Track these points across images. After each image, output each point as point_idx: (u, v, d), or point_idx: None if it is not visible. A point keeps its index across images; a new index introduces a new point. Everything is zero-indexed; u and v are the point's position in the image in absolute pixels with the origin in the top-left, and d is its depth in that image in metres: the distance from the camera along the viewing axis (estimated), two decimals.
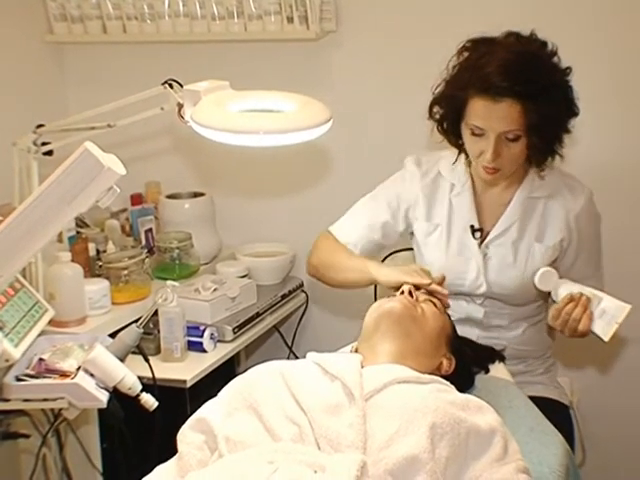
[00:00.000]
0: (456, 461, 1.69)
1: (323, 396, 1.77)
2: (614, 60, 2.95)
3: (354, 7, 3.16)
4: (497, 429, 1.78)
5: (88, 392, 2.05)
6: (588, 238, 2.49)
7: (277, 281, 3.35)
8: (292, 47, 3.19)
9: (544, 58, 2.28)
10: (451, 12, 2.53)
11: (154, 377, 2.42)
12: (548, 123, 2.24)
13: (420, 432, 1.66)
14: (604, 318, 2.20)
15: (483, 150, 2.28)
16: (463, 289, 2.47)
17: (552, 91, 2.23)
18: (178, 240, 3.20)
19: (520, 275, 2.43)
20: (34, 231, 1.64)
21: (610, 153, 3.00)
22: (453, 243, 2.49)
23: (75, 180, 1.62)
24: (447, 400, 1.78)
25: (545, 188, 2.45)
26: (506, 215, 2.45)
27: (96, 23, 3.29)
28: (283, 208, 3.49)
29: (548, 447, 2.05)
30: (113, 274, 2.92)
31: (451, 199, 2.51)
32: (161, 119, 2.23)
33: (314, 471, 1.55)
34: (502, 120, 2.23)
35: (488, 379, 2.32)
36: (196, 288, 2.97)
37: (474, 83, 2.23)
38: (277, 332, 3.42)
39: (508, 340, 2.53)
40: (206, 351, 2.82)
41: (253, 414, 1.78)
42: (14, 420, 2.29)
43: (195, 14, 3.18)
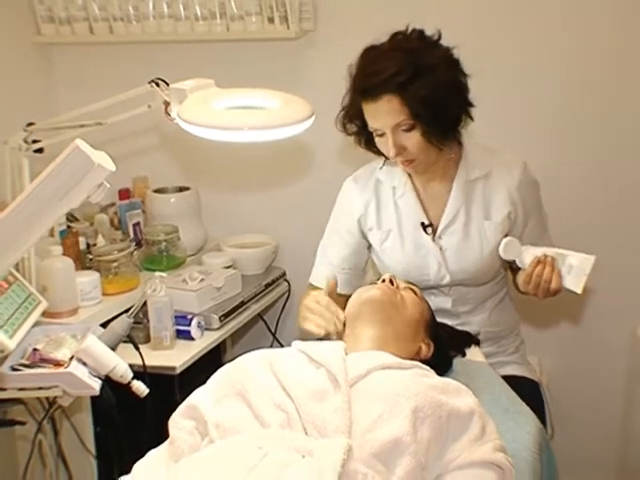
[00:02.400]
0: (437, 442, 1.70)
1: (309, 383, 1.77)
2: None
3: (332, 7, 3.17)
4: (475, 411, 1.79)
5: (81, 380, 2.04)
6: (532, 204, 2.50)
7: (260, 271, 3.35)
8: (273, 46, 3.19)
9: (417, 47, 2.26)
10: (425, 12, 2.52)
11: (144, 365, 2.40)
12: (434, 105, 2.22)
13: (403, 416, 1.66)
14: (573, 273, 2.23)
15: (388, 148, 2.29)
16: (429, 283, 2.47)
17: (428, 75, 2.21)
18: (165, 233, 3.19)
19: (478, 256, 2.44)
20: (27, 226, 1.63)
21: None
22: (408, 244, 2.49)
23: (66, 176, 1.60)
24: (428, 384, 1.79)
25: (480, 169, 2.45)
26: (450, 203, 2.45)
27: (83, 24, 3.27)
28: (265, 201, 3.48)
29: (523, 426, 2.07)
30: (103, 266, 2.91)
31: (396, 201, 2.51)
32: (147, 116, 2.20)
33: (302, 456, 1.55)
34: (387, 115, 2.24)
35: (465, 362, 2.34)
36: (183, 279, 2.97)
37: (357, 89, 2.28)
38: (261, 320, 3.42)
39: (477, 324, 2.54)
40: (194, 339, 2.82)
41: (242, 401, 1.77)
42: (10, 408, 2.28)
43: (179, 15, 3.17)
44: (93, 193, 1.64)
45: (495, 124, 2.72)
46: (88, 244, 3.04)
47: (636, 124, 3.03)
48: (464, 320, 2.53)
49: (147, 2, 3.18)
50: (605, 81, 3.01)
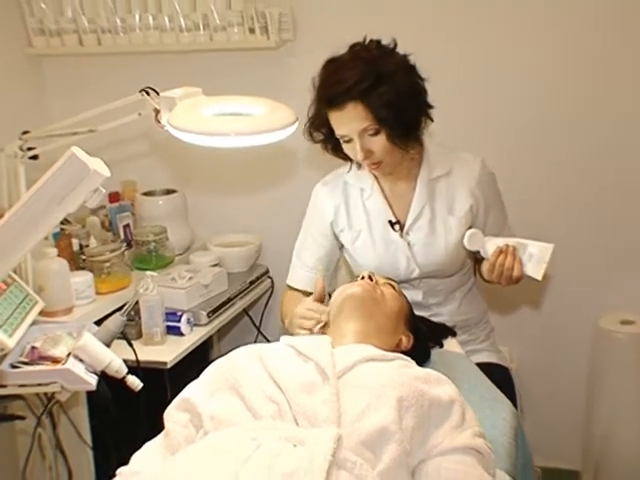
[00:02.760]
0: (420, 430, 1.69)
1: (298, 376, 1.75)
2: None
3: (309, 18, 3.16)
4: (455, 399, 1.78)
5: (79, 376, 2.03)
6: (492, 197, 2.52)
7: (245, 269, 3.34)
8: (254, 55, 3.18)
9: (375, 56, 2.27)
10: (397, 22, 2.52)
11: (138, 360, 2.41)
12: (396, 109, 2.23)
13: (388, 405, 1.66)
14: (533, 261, 2.26)
15: (356, 153, 2.30)
16: (400, 277, 2.47)
17: (388, 81, 2.22)
18: (154, 234, 3.18)
19: (444, 249, 2.46)
20: (27, 231, 1.61)
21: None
22: (378, 241, 2.50)
23: (64, 182, 1.58)
24: (411, 375, 1.79)
25: (441, 167, 2.47)
26: (415, 201, 2.46)
27: (72, 36, 3.25)
28: (249, 202, 3.47)
29: (499, 412, 2.09)
30: (96, 267, 2.89)
31: (364, 203, 2.52)
32: (135, 124, 2.20)
33: (294, 445, 1.53)
34: (353, 122, 2.25)
35: (442, 353, 2.34)
36: (172, 277, 2.96)
37: (324, 100, 2.28)
38: (246, 315, 3.40)
39: (448, 314, 2.56)
40: (183, 334, 2.81)
41: (235, 394, 1.75)
42: (10, 403, 2.26)
43: (164, 26, 3.15)
44: (89, 198, 1.62)
45: (454, 124, 2.71)
46: (81, 245, 3.01)
47: (594, 119, 3.04)
48: (435, 311, 2.55)
49: (134, 14, 3.16)
50: (558, 80, 3.03)
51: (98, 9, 3.18)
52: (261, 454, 1.50)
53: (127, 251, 3.10)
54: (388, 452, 1.61)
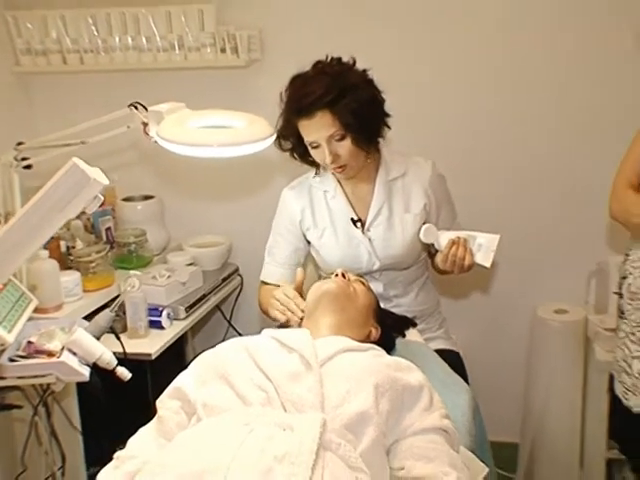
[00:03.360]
0: (394, 413, 1.70)
1: (284, 366, 1.74)
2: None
3: (275, 40, 3.14)
4: (424, 384, 1.80)
5: (73, 368, 2.00)
6: (442, 196, 2.55)
7: (217, 267, 3.29)
8: (225, 73, 3.15)
9: (338, 70, 2.32)
10: (355, 43, 2.51)
11: (125, 352, 2.38)
12: (360, 116, 2.28)
13: (366, 392, 1.67)
14: (482, 250, 2.27)
15: (324, 158, 2.32)
16: (362, 270, 2.47)
17: (352, 92, 2.26)
18: (134, 236, 3.14)
19: (401, 242, 2.47)
20: (31, 236, 1.57)
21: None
22: (341, 237, 2.50)
23: (65, 190, 1.54)
24: (384, 363, 1.80)
25: (397, 170, 2.51)
26: (375, 201, 2.49)
27: (57, 56, 3.18)
28: (220, 206, 3.43)
29: (458, 395, 2.10)
30: (83, 267, 2.84)
31: (328, 203, 2.53)
32: (119, 136, 2.15)
33: (283, 429, 1.52)
34: (322, 129, 2.27)
35: (405, 342, 2.34)
36: (153, 276, 2.92)
37: (293, 111, 2.31)
38: (218, 310, 3.35)
39: (406, 305, 2.57)
40: (164, 328, 2.78)
41: (225, 384, 1.74)
42: (7, 394, 2.22)
43: (143, 47, 3.10)
44: (89, 205, 1.57)
45: (408, 131, 2.70)
46: (67, 247, 2.95)
47: (532, 125, 3.06)
48: (395, 302, 2.55)
49: (114, 36, 3.11)
50: (505, 91, 3.05)
51: (81, 31, 3.12)
52: (254, 438, 1.48)
53: (109, 252, 3.04)
54: (368, 434, 1.61)
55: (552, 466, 3.16)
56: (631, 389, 2.17)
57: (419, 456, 1.65)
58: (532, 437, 3.16)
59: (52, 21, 3.13)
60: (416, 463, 1.64)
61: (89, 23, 3.11)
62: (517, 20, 2.95)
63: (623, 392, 2.21)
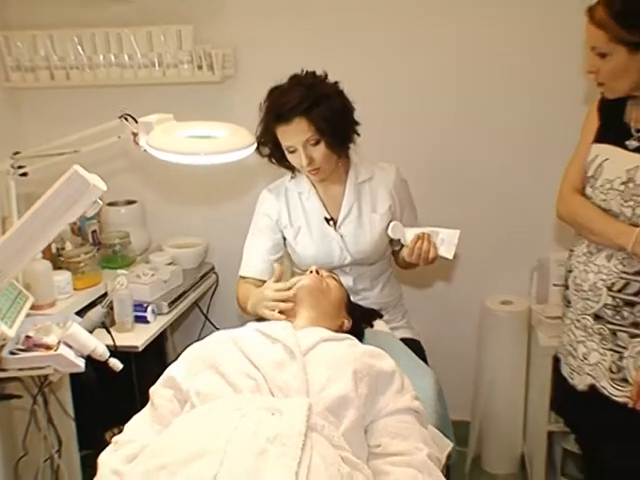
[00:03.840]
0: (371, 396, 1.71)
1: (270, 355, 1.74)
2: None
3: (248, 58, 3.13)
4: (395, 370, 1.82)
5: (70, 360, 1.99)
6: (405, 198, 2.56)
7: (195, 265, 3.26)
8: (201, 88, 3.12)
9: (311, 82, 2.33)
10: (321, 60, 2.50)
11: (115, 345, 2.38)
12: (332, 122, 2.30)
13: (346, 377, 1.68)
14: (445, 244, 2.29)
15: (301, 161, 2.33)
16: (334, 265, 2.48)
17: (324, 101, 2.29)
18: (119, 238, 3.11)
19: (370, 239, 2.48)
20: (35, 238, 1.54)
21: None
22: (315, 235, 2.50)
23: (67, 196, 1.53)
24: (360, 351, 1.81)
25: (365, 174, 2.52)
26: (345, 201, 2.49)
27: (45, 72, 3.13)
28: (196, 209, 3.40)
29: (423, 378, 2.12)
30: (72, 267, 2.80)
31: (303, 204, 2.53)
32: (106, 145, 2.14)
33: (272, 414, 1.52)
34: (299, 134, 2.29)
35: (374, 332, 2.35)
36: (137, 274, 2.88)
37: (272, 118, 2.32)
38: (196, 306, 3.31)
39: (373, 297, 2.56)
40: (149, 322, 2.75)
41: (216, 373, 1.73)
42: (7, 385, 2.21)
43: (125, 64, 3.07)
44: (89, 209, 1.54)
45: (374, 139, 2.68)
46: (57, 248, 2.91)
47: (484, 135, 3.09)
48: (363, 295, 2.55)
49: (98, 54, 3.07)
50: (461, 102, 3.07)
51: (67, 49, 3.08)
52: (247, 422, 1.48)
53: (96, 253, 3.00)
54: (348, 416, 1.63)
55: (499, 440, 3.20)
56: (576, 370, 2.19)
57: (394, 434, 1.67)
58: (481, 415, 3.19)
59: (41, 40, 3.09)
60: (392, 441, 1.66)
61: (75, 42, 3.06)
62: (475, 39, 2.97)
63: (569, 373, 2.23)
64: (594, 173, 2.10)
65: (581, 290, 2.14)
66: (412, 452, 1.62)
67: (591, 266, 2.10)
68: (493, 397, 3.14)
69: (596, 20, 1.90)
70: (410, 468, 1.58)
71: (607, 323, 2.08)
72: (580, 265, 2.15)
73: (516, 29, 2.92)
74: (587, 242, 2.14)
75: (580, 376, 2.17)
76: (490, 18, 2.94)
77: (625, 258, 2.03)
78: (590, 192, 2.11)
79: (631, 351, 2.05)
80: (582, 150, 2.17)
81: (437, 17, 2.97)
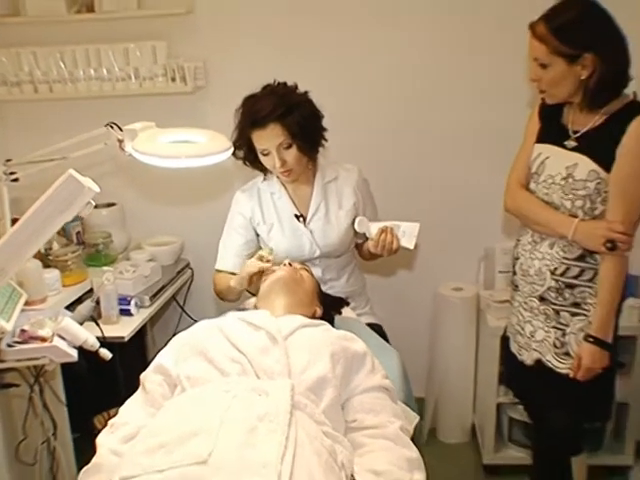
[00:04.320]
0: (346, 376, 1.72)
1: (254, 341, 1.74)
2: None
3: (218, 70, 3.10)
4: (367, 352, 1.82)
5: (64, 351, 1.98)
6: (367, 196, 2.57)
7: (172, 262, 3.22)
8: (175, 99, 3.08)
9: (284, 91, 2.33)
10: (287, 73, 2.49)
11: (104, 336, 2.34)
12: (303, 128, 2.30)
13: (324, 360, 1.68)
14: (406, 236, 2.28)
15: (274, 163, 2.33)
16: (304, 257, 2.47)
17: (296, 109, 2.29)
18: (102, 237, 3.07)
19: (337, 233, 2.48)
20: (34, 237, 1.52)
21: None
22: (287, 230, 2.49)
23: (63, 198, 1.50)
24: (335, 336, 1.82)
25: (330, 174, 2.52)
26: (313, 200, 2.49)
27: (29, 86, 3.06)
28: (172, 209, 3.36)
29: (390, 359, 2.12)
30: (60, 265, 2.75)
31: (275, 202, 2.52)
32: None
33: (259, 395, 1.52)
34: (273, 138, 2.28)
35: (342, 318, 2.34)
36: (120, 271, 2.83)
37: (248, 124, 2.31)
38: (174, 299, 3.26)
39: (340, 287, 2.56)
40: (133, 315, 2.70)
41: (204, 359, 1.72)
42: (5, 375, 2.18)
43: (104, 77, 3.02)
44: (83, 209, 1.51)
45: (339, 143, 2.67)
46: (46, 249, 2.83)
47: (437, 138, 3.10)
48: (330, 285, 2.54)
49: (79, 69, 3.01)
50: (415, 110, 3.07)
51: (50, 64, 3.01)
52: (237, 403, 1.49)
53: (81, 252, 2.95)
54: (327, 394, 1.63)
55: (452, 412, 3.23)
56: (524, 347, 2.22)
57: (368, 410, 1.68)
58: (436, 390, 3.21)
59: (25, 57, 3.02)
60: (366, 416, 1.67)
61: (57, 58, 3.00)
62: (428, 48, 2.99)
63: (518, 350, 2.26)
64: (537, 170, 2.13)
65: (527, 275, 2.17)
66: (385, 425, 1.63)
67: (536, 253, 2.14)
68: (446, 374, 3.16)
69: (538, 35, 1.94)
70: (384, 439, 1.60)
71: (551, 304, 2.12)
72: (526, 253, 2.18)
73: (468, 39, 2.94)
74: (532, 232, 2.17)
75: (528, 352, 2.20)
76: (442, 29, 2.95)
77: (566, 245, 2.07)
78: (534, 187, 2.14)
79: (572, 328, 2.09)
80: (526, 149, 2.20)
81: (391, 28, 2.97)
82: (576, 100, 2.03)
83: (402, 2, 2.95)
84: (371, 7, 2.97)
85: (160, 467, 1.34)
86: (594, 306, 2.05)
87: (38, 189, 1.87)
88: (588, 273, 2.06)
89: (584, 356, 2.04)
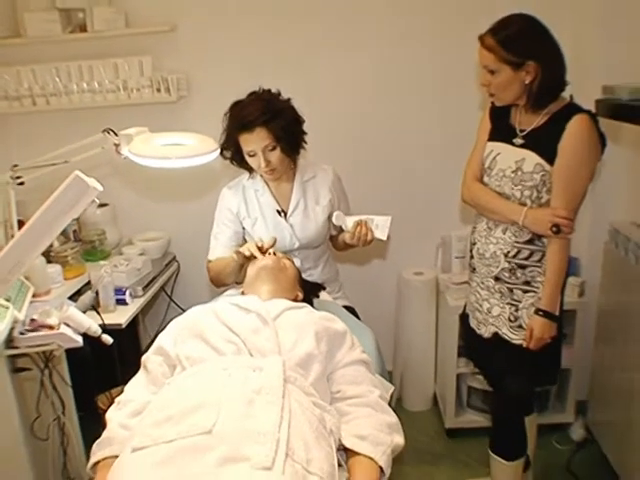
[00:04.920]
0: (329, 352, 1.71)
1: (246, 323, 1.72)
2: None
3: (198, 82, 3.07)
4: (346, 330, 1.82)
5: (70, 337, 1.97)
6: (341, 193, 2.54)
7: (160, 256, 3.18)
8: (160, 107, 3.04)
9: (269, 97, 2.30)
10: (259, 79, 2.46)
11: (104, 324, 2.35)
12: (287, 132, 2.28)
13: (310, 338, 1.67)
14: (379, 228, 2.27)
15: (259, 163, 2.30)
16: (285, 249, 2.44)
17: (281, 114, 2.26)
18: (97, 235, 3.03)
19: (314, 226, 2.46)
20: (45, 232, 1.49)
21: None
22: (270, 224, 2.46)
23: (70, 197, 1.46)
24: (318, 316, 1.81)
25: (309, 173, 2.49)
26: (293, 197, 2.46)
27: (28, 100, 3.00)
28: (159, 207, 3.31)
29: (367, 337, 2.12)
30: (61, 260, 2.71)
31: (258, 199, 2.49)
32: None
33: (253, 370, 1.51)
34: (260, 141, 2.25)
35: (320, 301, 2.34)
36: (114, 264, 2.80)
37: (236, 127, 2.27)
38: (162, 289, 3.20)
39: (317, 275, 2.54)
40: (127, 304, 2.67)
41: (201, 341, 1.70)
42: (19, 360, 2.13)
43: (95, 89, 2.97)
44: (88, 207, 1.49)
45: (316, 145, 2.64)
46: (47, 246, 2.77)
47: (406, 138, 3.09)
48: (309, 273, 2.52)
49: (73, 82, 2.97)
50: (386, 110, 3.07)
51: (47, 80, 2.96)
52: (234, 379, 1.48)
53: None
54: (314, 369, 1.63)
55: (416, 383, 3.25)
56: (482, 322, 2.24)
57: (350, 382, 1.68)
58: (402, 364, 3.23)
59: (24, 74, 2.97)
60: (349, 387, 1.66)
61: (53, 73, 2.95)
62: (396, 55, 2.98)
63: (476, 325, 2.27)
64: (490, 165, 2.14)
65: (484, 258, 2.18)
66: (366, 394, 1.63)
67: (491, 239, 2.15)
68: (411, 349, 3.18)
69: (486, 45, 1.96)
70: (366, 407, 1.60)
71: (505, 283, 2.13)
72: (482, 238, 2.19)
73: (430, 49, 2.96)
74: (486, 220, 2.18)
75: (486, 326, 2.22)
76: (407, 45, 2.96)
77: (517, 231, 2.09)
78: (487, 180, 2.16)
79: (524, 304, 2.12)
80: (479, 147, 2.21)
81: (360, 41, 2.98)
82: (521, 102, 2.05)
83: (369, 13, 2.95)
84: (340, 18, 2.97)
85: (168, 438, 1.33)
86: (543, 284, 2.07)
87: (41, 192, 1.85)
88: (537, 255, 2.08)
89: (535, 328, 2.07)
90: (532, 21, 1.95)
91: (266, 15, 2.97)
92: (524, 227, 2.06)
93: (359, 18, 2.95)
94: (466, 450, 2.91)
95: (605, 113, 2.10)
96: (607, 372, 2.70)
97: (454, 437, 3.01)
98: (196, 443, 1.30)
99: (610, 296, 2.67)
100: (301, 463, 1.32)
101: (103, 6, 2.91)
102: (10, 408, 2.03)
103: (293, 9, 2.96)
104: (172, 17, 2.97)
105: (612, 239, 2.63)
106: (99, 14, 2.89)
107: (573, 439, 2.92)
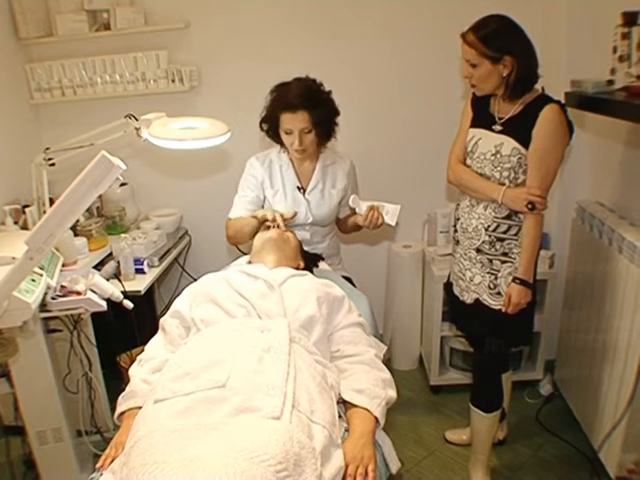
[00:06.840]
0: (329, 315, 1.71)
1: (254, 289, 1.72)
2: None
3: (209, 73, 3.02)
4: (344, 295, 1.82)
5: (96, 302, 1.96)
6: (354, 181, 2.53)
7: (173, 230, 3.14)
8: (174, 96, 2.99)
9: (315, 87, 2.27)
10: (265, 72, 2.43)
11: (125, 290, 2.34)
12: (324, 120, 2.26)
13: (312, 302, 1.67)
14: (389, 214, 2.24)
15: (293, 142, 2.27)
16: (300, 222, 2.43)
17: (322, 103, 2.24)
18: (117, 211, 3.00)
19: (328, 207, 2.44)
20: (75, 207, 1.47)
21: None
22: (289, 198, 2.44)
23: (97, 174, 1.44)
24: (319, 283, 1.81)
25: (329, 159, 2.46)
26: (314, 177, 2.44)
27: (58, 91, 2.97)
28: (173, 186, 3.26)
29: (361, 302, 2.12)
30: (86, 234, 2.68)
31: (282, 173, 2.45)
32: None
33: (262, 331, 1.51)
34: (299, 122, 2.23)
35: (320, 270, 2.33)
36: (133, 237, 2.77)
37: (280, 105, 2.23)
38: (175, 261, 3.20)
39: (322, 249, 2.53)
40: (145, 273, 2.65)
41: (214, 305, 1.70)
42: (51, 322, 2.17)
43: (117, 81, 2.93)
44: (113, 184, 1.47)
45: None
46: None
47: (400, 127, 3.06)
48: (315, 246, 2.51)
49: (97, 75, 2.94)
50: (389, 99, 3.03)
51: (74, 73, 2.93)
52: (245, 339, 1.48)
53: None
54: (316, 330, 1.63)
55: (404, 345, 3.24)
56: (465, 289, 2.23)
57: (348, 342, 1.68)
58: (391, 327, 3.23)
59: (55, 68, 2.94)
60: (347, 346, 1.67)
61: (80, 67, 2.92)
62: (397, 56, 2.95)
63: (460, 292, 2.27)
64: (472, 149, 2.12)
65: (467, 232, 2.17)
66: (362, 353, 1.63)
67: (473, 214, 2.14)
68: (399, 315, 3.17)
69: (468, 41, 1.95)
70: (363, 364, 1.60)
71: (485, 254, 2.12)
72: (465, 214, 2.18)
73: (416, 44, 2.93)
74: (469, 198, 2.17)
75: (468, 293, 2.21)
76: (402, 44, 2.94)
77: (496, 207, 2.07)
78: (470, 162, 2.14)
79: (502, 273, 2.11)
80: (462, 133, 2.19)
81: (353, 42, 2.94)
82: (499, 93, 2.04)
83: (373, 10, 2.90)
84: (345, 14, 2.92)
85: (187, 391, 1.33)
86: (519, 255, 2.06)
87: (70, 172, 1.83)
88: (514, 229, 2.07)
89: (512, 294, 2.06)
90: (509, 21, 1.95)
91: (272, 13, 2.92)
92: (503, 204, 2.04)
93: (363, 14, 2.91)
94: (448, 404, 2.92)
95: (573, 104, 2.12)
96: (573, 334, 2.70)
97: (438, 393, 3.02)
98: (212, 395, 1.30)
99: (577, 267, 2.67)
100: (306, 413, 1.32)
101: (125, 6, 2.89)
102: (45, 364, 2.04)
103: (297, 5, 2.91)
104: (186, 15, 2.93)
105: (579, 216, 2.62)
106: (121, 14, 2.86)
107: (542, 394, 2.94)
